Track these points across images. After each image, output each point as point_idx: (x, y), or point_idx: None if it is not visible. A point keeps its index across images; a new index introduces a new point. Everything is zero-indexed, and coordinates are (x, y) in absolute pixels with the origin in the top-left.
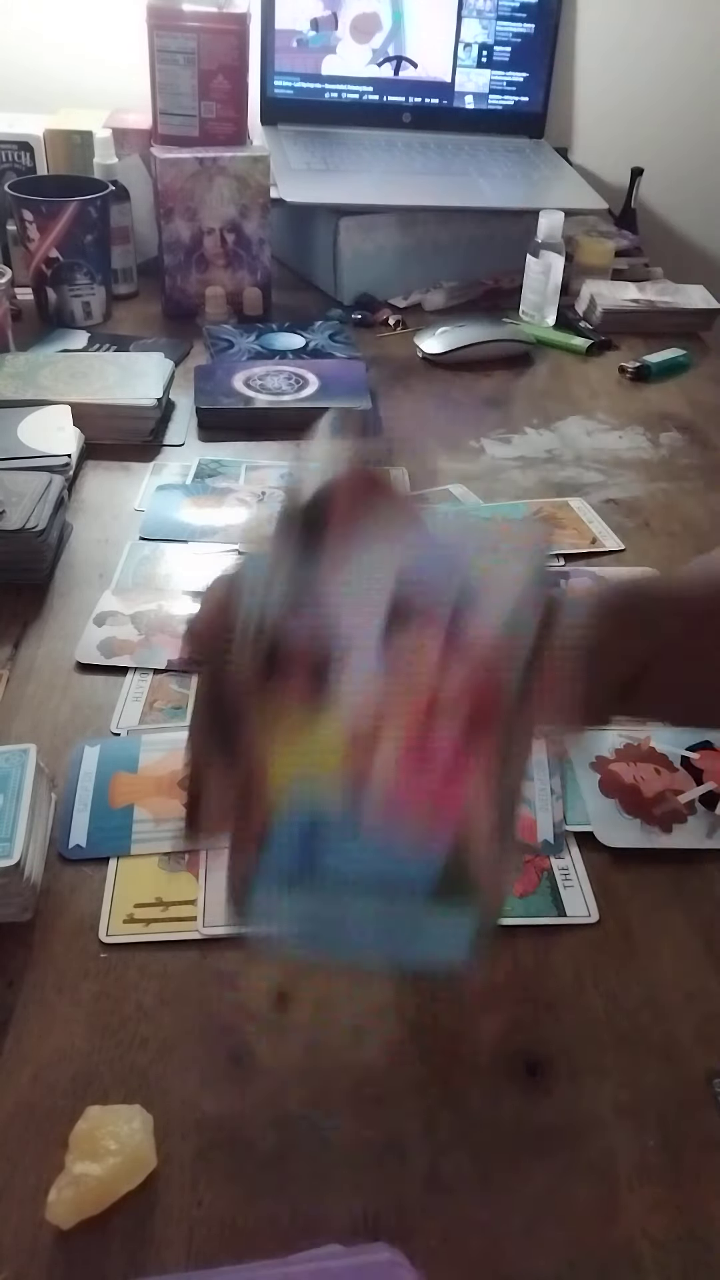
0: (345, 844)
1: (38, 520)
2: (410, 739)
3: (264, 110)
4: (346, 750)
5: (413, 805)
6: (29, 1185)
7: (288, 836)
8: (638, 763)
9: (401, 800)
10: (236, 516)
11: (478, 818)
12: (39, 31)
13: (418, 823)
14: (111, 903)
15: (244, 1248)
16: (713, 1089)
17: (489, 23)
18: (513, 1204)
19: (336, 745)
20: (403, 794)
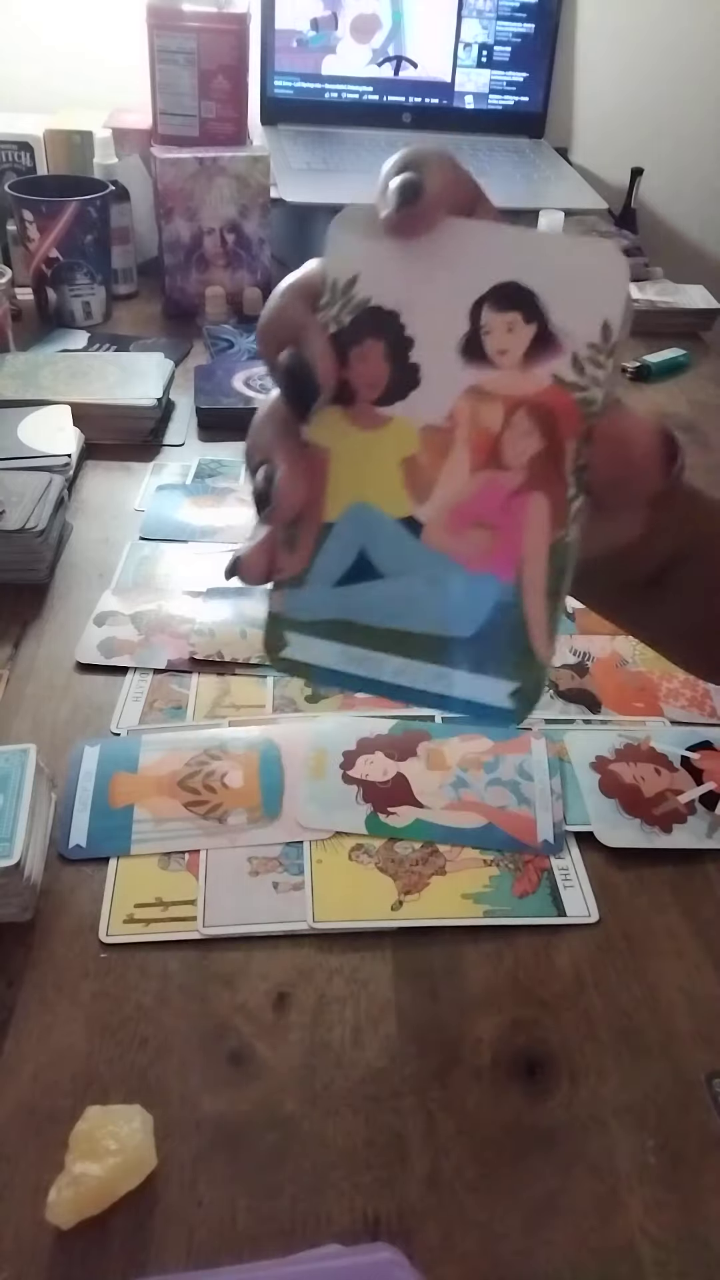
0: (396, 576)
1: (38, 520)
2: (479, 459)
3: (264, 110)
4: (411, 466)
5: (471, 535)
6: (29, 1185)
7: (337, 563)
8: (638, 763)
9: (460, 527)
10: (236, 516)
11: (534, 568)
12: (39, 31)
13: (474, 554)
14: (111, 903)
15: (244, 1248)
16: (713, 1089)
17: (489, 23)
18: (513, 1204)
19: (400, 461)
20: (463, 519)
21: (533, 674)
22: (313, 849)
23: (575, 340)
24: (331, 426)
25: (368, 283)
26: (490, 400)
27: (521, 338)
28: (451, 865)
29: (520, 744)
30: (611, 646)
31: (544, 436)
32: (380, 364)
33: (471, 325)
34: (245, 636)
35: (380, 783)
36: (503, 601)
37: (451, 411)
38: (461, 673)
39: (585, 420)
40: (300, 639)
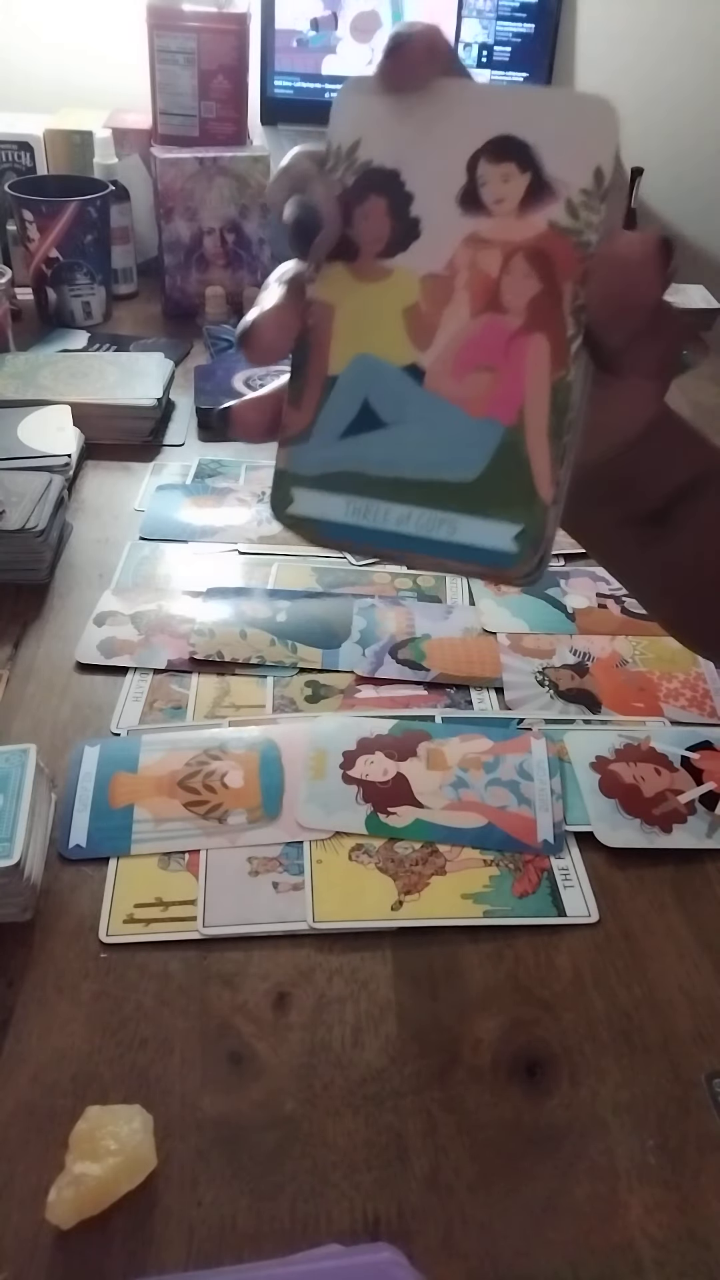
0: (399, 424)
1: (38, 520)
2: (479, 303)
3: (264, 110)
4: (413, 314)
5: (473, 379)
6: (29, 1185)
7: (342, 414)
8: (638, 763)
9: (462, 371)
10: (236, 516)
11: (536, 408)
12: (39, 31)
13: (475, 398)
14: (111, 903)
15: (244, 1248)
16: (713, 1089)
17: (489, 23)
18: (513, 1204)
19: (402, 311)
20: (464, 363)
21: (536, 515)
22: (313, 849)
23: (569, 187)
24: (336, 282)
25: (369, 145)
26: (489, 246)
27: (517, 187)
28: (451, 865)
29: (520, 744)
30: (611, 647)
31: (542, 279)
32: (382, 220)
33: (469, 178)
34: (245, 636)
35: (380, 783)
36: (505, 443)
37: (451, 259)
38: (465, 517)
39: (582, 262)
40: (306, 494)
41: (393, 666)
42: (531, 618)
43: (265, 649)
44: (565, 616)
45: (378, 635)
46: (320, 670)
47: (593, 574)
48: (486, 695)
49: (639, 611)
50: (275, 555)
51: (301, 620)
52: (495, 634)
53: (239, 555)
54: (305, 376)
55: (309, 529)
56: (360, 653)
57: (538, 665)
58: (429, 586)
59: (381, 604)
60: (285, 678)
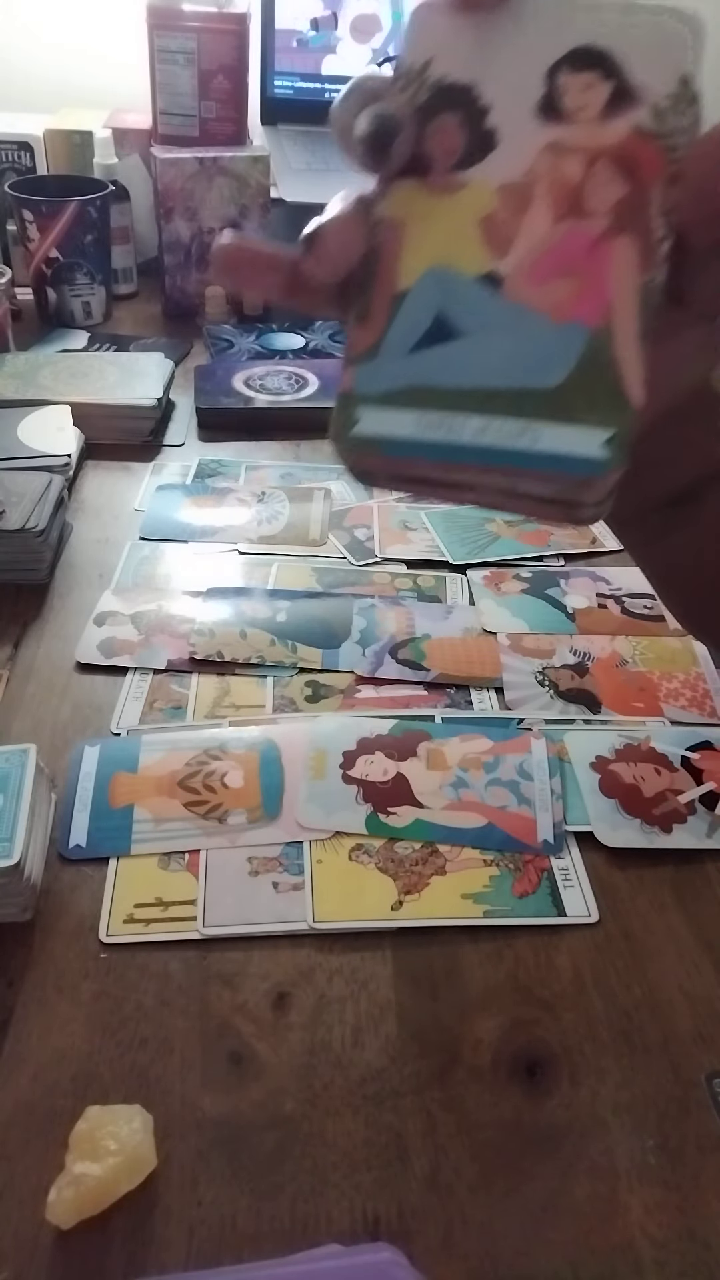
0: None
1: (38, 520)
2: (561, 209)
3: (264, 110)
4: (490, 223)
5: (556, 284)
6: (29, 1185)
7: (412, 329)
8: (638, 763)
9: (544, 276)
10: (236, 516)
11: (624, 309)
12: (39, 31)
13: (559, 303)
14: (111, 903)
15: (244, 1248)
16: (713, 1089)
17: None
18: (513, 1204)
19: (479, 220)
20: (547, 269)
21: (626, 419)
22: (313, 849)
23: (654, 93)
24: (406, 197)
25: (442, 62)
26: (570, 153)
27: (599, 94)
28: (451, 865)
29: (520, 744)
30: (611, 647)
31: (627, 182)
32: (456, 133)
33: (548, 87)
34: (245, 636)
35: (380, 783)
36: (591, 346)
37: (531, 167)
38: (550, 424)
39: (670, 165)
40: (372, 412)
41: (393, 666)
42: (531, 618)
43: (265, 649)
44: (565, 616)
45: (378, 635)
46: (320, 670)
47: (593, 574)
48: (486, 695)
49: (639, 611)
50: (275, 555)
51: (301, 620)
52: (495, 634)
53: (239, 555)
54: (371, 294)
55: (374, 450)
56: (360, 653)
57: (538, 665)
58: (429, 586)
59: (381, 604)
60: (285, 678)
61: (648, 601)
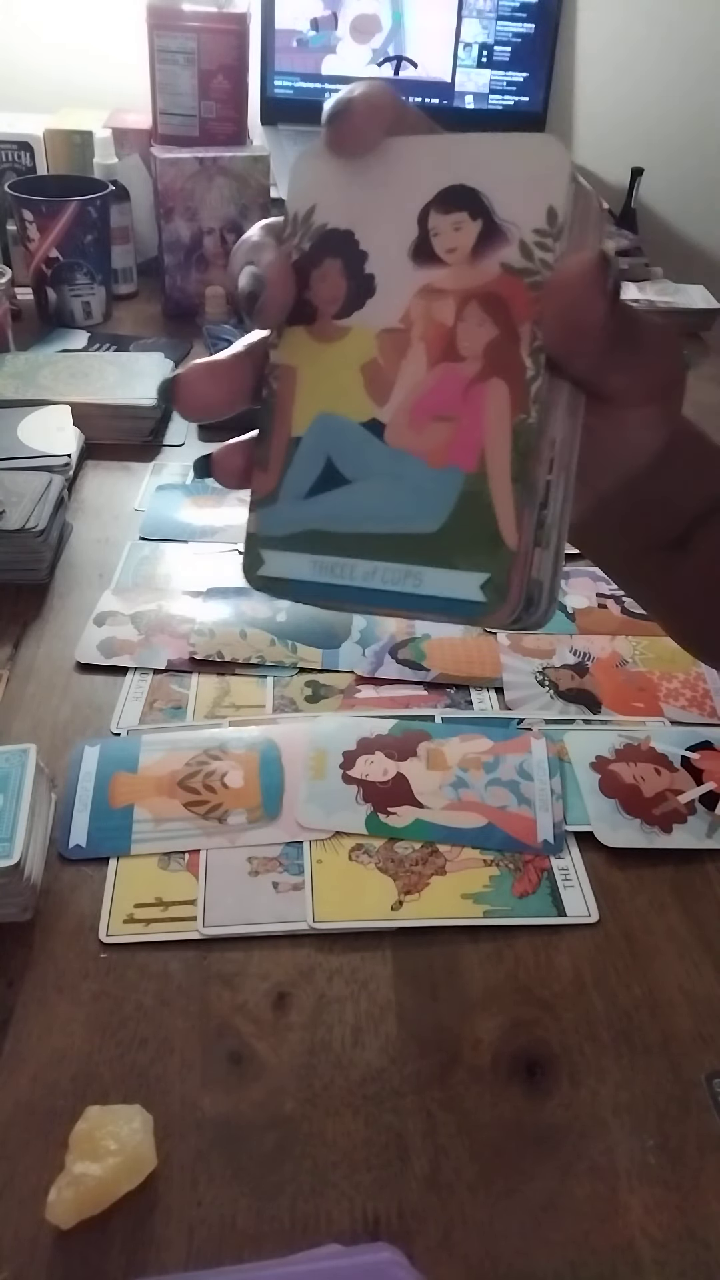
0: (361, 479)
1: (38, 520)
2: (435, 353)
3: (264, 110)
4: (371, 370)
5: (432, 429)
6: (29, 1185)
7: (306, 474)
8: (638, 763)
9: (421, 421)
10: (236, 516)
11: (497, 452)
12: (39, 31)
13: (435, 447)
14: (111, 903)
15: (244, 1248)
16: (713, 1089)
17: (489, 23)
18: (513, 1204)
19: (360, 367)
20: (423, 414)
21: (502, 562)
22: (313, 849)
23: (521, 229)
24: (296, 344)
25: (324, 209)
26: (442, 296)
27: (468, 234)
28: (451, 865)
29: (520, 744)
30: (611, 646)
31: (497, 323)
32: (338, 280)
33: (421, 231)
34: (245, 636)
35: (380, 783)
36: (467, 491)
37: (406, 312)
38: (430, 569)
39: (538, 302)
40: (275, 555)
41: (393, 666)
42: None
43: (265, 649)
44: (565, 616)
45: (378, 635)
46: (320, 670)
47: (593, 574)
48: (486, 695)
49: (639, 611)
50: None
51: (301, 620)
52: (495, 634)
53: (239, 555)
54: (270, 438)
55: (281, 589)
56: (360, 653)
57: (538, 665)
58: None
59: None
60: (285, 678)
61: None
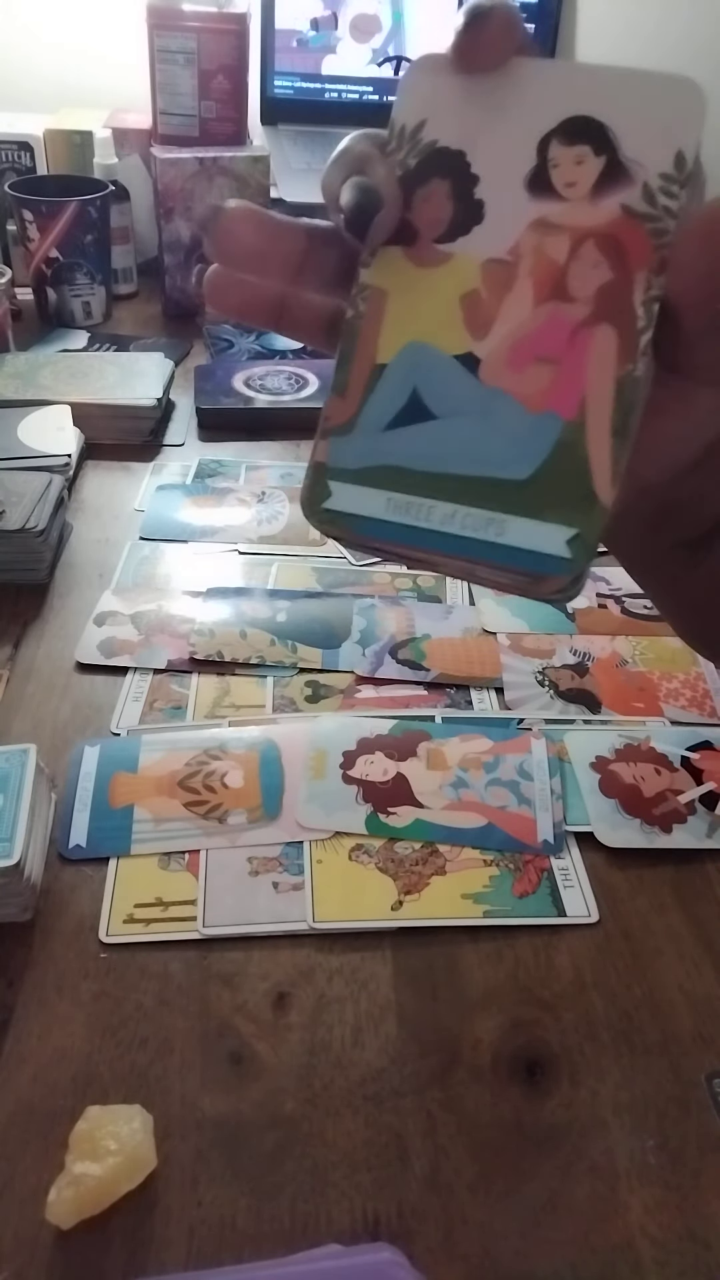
0: (450, 416)
1: (38, 520)
2: (543, 291)
3: (264, 110)
4: (471, 301)
5: (533, 370)
6: (29, 1185)
7: (389, 405)
8: (638, 763)
9: (521, 362)
10: (236, 516)
11: (599, 403)
12: (39, 31)
13: (534, 391)
14: (111, 903)
15: (244, 1248)
16: (713, 1089)
17: None
18: (513, 1204)
19: (460, 297)
20: (524, 354)
21: (593, 519)
22: (313, 849)
23: (647, 171)
24: (391, 267)
25: (435, 125)
26: (557, 232)
27: (590, 170)
28: (451, 865)
29: (520, 744)
30: (611, 646)
31: (612, 267)
32: (444, 202)
33: (539, 160)
34: (245, 636)
35: (380, 783)
36: (564, 440)
37: (515, 244)
38: (516, 518)
39: (657, 251)
40: (344, 489)
41: (393, 666)
42: (531, 618)
43: (265, 649)
44: (565, 616)
45: (378, 635)
46: (320, 670)
47: (593, 574)
48: (486, 695)
49: (639, 611)
50: (275, 555)
51: (301, 620)
52: (495, 634)
53: (239, 555)
54: (351, 364)
55: (344, 526)
56: (360, 653)
57: (538, 665)
58: (429, 586)
59: (381, 604)
60: (285, 678)
61: (648, 602)
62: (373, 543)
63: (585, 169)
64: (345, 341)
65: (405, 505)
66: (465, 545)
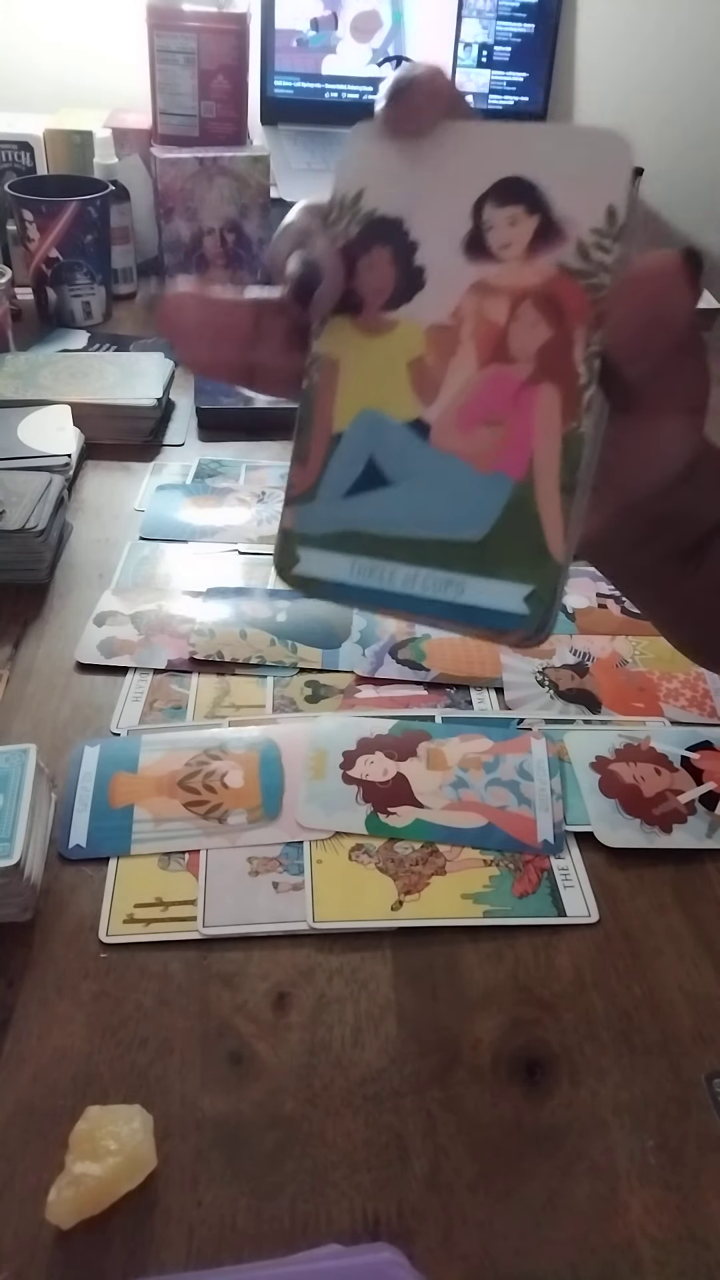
0: (404, 481)
1: (38, 520)
2: (486, 353)
3: (264, 110)
4: (418, 367)
5: (480, 433)
6: (29, 1185)
7: (347, 472)
8: (638, 763)
9: (469, 424)
10: (236, 516)
11: (546, 461)
12: (39, 31)
13: (483, 452)
14: (111, 903)
15: (244, 1248)
16: (713, 1089)
17: (489, 23)
18: (513, 1204)
19: (407, 364)
20: (471, 417)
21: (548, 575)
22: (313, 849)
23: (579, 227)
24: (340, 336)
25: (373, 194)
26: (495, 294)
27: (524, 230)
28: (451, 865)
29: (520, 744)
30: (611, 646)
31: (552, 325)
32: (386, 270)
33: (474, 223)
34: (245, 636)
35: (380, 783)
36: (514, 499)
37: (457, 308)
38: (473, 577)
39: (594, 306)
40: (311, 554)
41: (393, 666)
42: None
43: (265, 649)
44: (565, 616)
45: (378, 635)
46: (320, 670)
47: (592, 574)
48: (486, 695)
49: (639, 612)
50: None
51: (301, 620)
52: None
53: (239, 555)
54: (310, 433)
55: (315, 589)
56: (360, 653)
57: (538, 665)
58: None
59: None
60: (285, 678)
61: None
62: (344, 603)
63: (519, 229)
64: (303, 410)
65: (369, 569)
66: (428, 605)
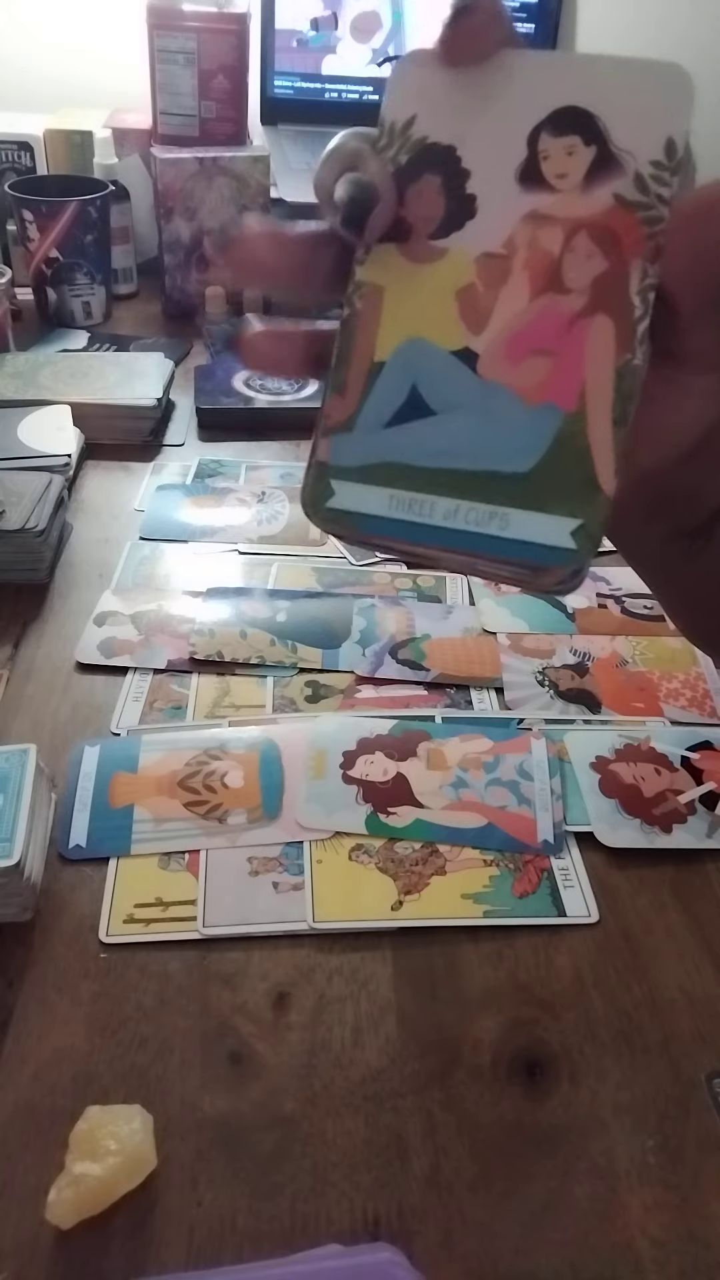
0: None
1: (38, 520)
2: (538, 284)
3: (264, 110)
4: (466, 296)
5: (530, 363)
6: (29, 1185)
7: (387, 402)
8: (638, 763)
9: (518, 355)
10: (236, 516)
11: (599, 393)
12: (39, 31)
13: (533, 383)
14: (111, 903)
15: (244, 1248)
16: (713, 1089)
17: None
18: (513, 1204)
19: (455, 292)
20: (521, 347)
21: (597, 509)
22: (313, 849)
23: (638, 159)
24: (385, 264)
25: (425, 121)
26: (550, 224)
27: (581, 160)
28: (451, 865)
29: (520, 744)
30: (611, 646)
31: (607, 257)
32: (436, 198)
33: (530, 152)
34: (245, 636)
35: (380, 783)
36: (564, 431)
37: (509, 238)
38: (519, 511)
39: (650, 239)
40: (346, 487)
41: (393, 666)
42: (531, 618)
43: (265, 649)
44: (565, 616)
45: (378, 635)
46: (320, 670)
47: (592, 574)
48: (486, 695)
49: (639, 611)
50: (275, 555)
51: (301, 620)
52: (495, 634)
53: (239, 555)
54: (350, 362)
55: (347, 524)
56: (360, 653)
57: (538, 665)
58: (429, 586)
59: (381, 604)
60: (285, 678)
61: (648, 601)
62: (376, 540)
63: (576, 160)
64: (342, 339)
65: (408, 502)
66: (468, 540)
